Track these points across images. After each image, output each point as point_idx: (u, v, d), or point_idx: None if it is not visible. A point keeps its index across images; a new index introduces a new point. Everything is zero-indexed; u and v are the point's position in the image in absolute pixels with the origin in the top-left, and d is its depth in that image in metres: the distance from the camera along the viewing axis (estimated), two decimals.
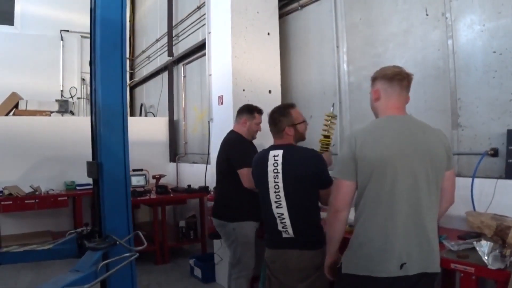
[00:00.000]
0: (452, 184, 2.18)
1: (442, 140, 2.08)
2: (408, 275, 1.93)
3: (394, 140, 2.00)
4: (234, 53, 4.27)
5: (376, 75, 2.19)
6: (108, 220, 2.56)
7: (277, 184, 2.64)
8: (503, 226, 2.33)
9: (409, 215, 1.95)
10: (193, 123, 6.95)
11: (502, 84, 2.85)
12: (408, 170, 1.95)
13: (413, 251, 1.94)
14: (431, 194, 1.99)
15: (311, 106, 4.48)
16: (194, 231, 5.79)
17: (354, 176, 2.03)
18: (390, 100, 2.12)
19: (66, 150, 6.37)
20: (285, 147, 2.72)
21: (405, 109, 2.14)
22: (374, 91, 2.18)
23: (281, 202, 2.63)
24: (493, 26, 2.91)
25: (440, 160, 2.02)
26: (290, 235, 2.62)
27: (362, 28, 3.93)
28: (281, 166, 2.63)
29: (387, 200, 1.96)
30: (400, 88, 2.11)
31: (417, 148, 1.98)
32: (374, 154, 1.98)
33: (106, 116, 2.55)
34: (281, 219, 2.63)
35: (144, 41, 9.27)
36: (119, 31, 2.61)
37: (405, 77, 2.11)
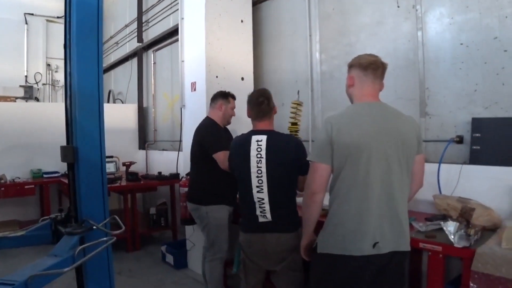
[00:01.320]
0: (421, 168, 2.29)
1: (413, 127, 2.17)
2: (381, 253, 2.02)
3: (369, 125, 2.07)
4: (208, 40, 4.26)
5: (352, 62, 2.26)
6: (84, 205, 2.54)
7: (260, 169, 2.66)
8: (468, 208, 2.45)
9: (382, 196, 2.03)
10: (163, 110, 6.89)
11: (468, 75, 2.99)
12: (382, 154, 2.04)
13: (386, 230, 2.03)
14: (403, 177, 2.08)
15: (283, 94, 4.53)
16: (165, 219, 5.78)
17: (330, 160, 2.10)
18: (364, 87, 2.19)
19: (32, 137, 6.23)
20: (269, 133, 2.75)
21: (378, 96, 2.22)
22: (349, 77, 2.25)
23: (262, 187, 2.66)
24: (461, 19, 3.03)
25: (411, 145, 2.12)
26: (268, 219, 2.67)
27: (335, 17, 4.00)
28: (265, 151, 2.66)
29: (362, 183, 2.04)
30: (374, 76, 2.19)
31: (390, 133, 2.07)
32: (350, 139, 2.05)
33: (82, 100, 2.52)
34: (260, 204, 2.67)
35: (113, 27, 9.08)
36: (96, 13, 2.58)
37: (379, 66, 2.20)
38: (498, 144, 2.76)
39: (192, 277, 4.46)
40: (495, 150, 2.76)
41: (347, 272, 2.06)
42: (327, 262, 2.12)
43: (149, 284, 4.32)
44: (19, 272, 1.65)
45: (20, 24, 9.00)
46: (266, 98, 2.82)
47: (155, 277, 4.51)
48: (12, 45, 8.91)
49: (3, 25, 8.76)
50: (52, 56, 9.38)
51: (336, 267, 2.09)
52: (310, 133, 4.18)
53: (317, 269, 2.21)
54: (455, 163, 2.96)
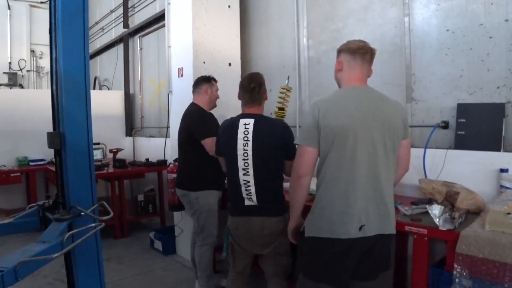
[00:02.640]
0: (407, 152, 2.33)
1: (400, 111, 2.20)
2: (366, 236, 2.06)
3: (356, 109, 2.09)
4: (195, 25, 4.23)
5: (341, 47, 2.28)
6: (72, 191, 2.53)
7: (246, 152, 2.68)
8: (452, 192, 2.50)
9: (368, 180, 2.06)
10: (150, 96, 6.85)
11: (454, 61, 3.02)
12: (368, 137, 2.06)
13: (371, 213, 2.07)
14: (389, 161, 2.12)
15: (271, 80, 4.51)
16: (153, 205, 5.79)
17: (316, 143, 2.12)
18: (352, 72, 2.21)
19: (17, 125, 6.17)
20: (256, 116, 2.77)
21: (366, 81, 2.25)
22: (338, 62, 2.27)
23: (248, 169, 2.69)
24: (448, 5, 3.05)
25: (397, 129, 2.14)
26: (254, 203, 2.70)
27: (323, 2, 3.99)
28: (251, 134, 2.69)
29: (348, 166, 2.06)
30: (362, 61, 2.21)
31: (376, 117, 2.09)
32: (336, 122, 2.07)
33: (68, 85, 2.49)
34: (246, 186, 2.70)
35: (98, 12, 8.95)
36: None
37: (368, 51, 2.22)
38: (482, 129, 2.80)
39: (181, 263, 4.49)
40: (479, 135, 2.81)
41: (333, 255, 2.09)
42: (314, 245, 2.15)
43: (137, 270, 4.34)
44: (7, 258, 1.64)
45: (2, 10, 8.81)
46: (258, 85, 2.83)
47: (143, 263, 4.53)
48: None
49: None
50: (36, 42, 9.22)
51: (323, 250, 2.12)
52: (297, 118, 4.19)
53: (304, 252, 2.24)
54: (441, 148, 3.01)
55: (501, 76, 2.79)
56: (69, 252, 2.39)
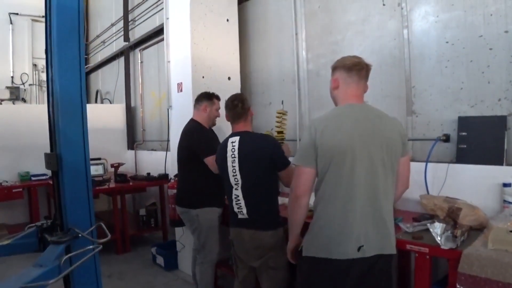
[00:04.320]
0: (407, 169, 2.29)
1: (398, 128, 2.17)
2: (365, 257, 2.02)
3: (353, 127, 2.06)
4: (193, 40, 4.22)
5: (336, 64, 2.25)
6: (70, 213, 2.51)
7: (234, 168, 2.80)
8: (454, 208, 2.46)
9: (366, 199, 2.03)
10: (151, 109, 6.84)
11: (454, 73, 2.99)
12: (366, 156, 2.03)
13: (370, 233, 2.03)
14: (387, 179, 2.08)
15: (270, 93, 4.52)
16: (155, 219, 5.76)
17: (314, 163, 2.09)
18: (349, 89, 2.18)
19: (19, 140, 6.16)
20: (241, 133, 2.89)
21: (363, 98, 2.22)
22: (334, 79, 2.24)
23: (238, 184, 2.79)
24: (446, 17, 3.03)
25: (395, 147, 2.11)
26: (245, 216, 2.78)
27: (321, 15, 3.98)
28: (237, 151, 2.80)
29: (346, 185, 2.03)
30: (358, 77, 2.18)
31: (374, 135, 2.06)
32: (333, 141, 2.04)
33: (64, 106, 2.47)
34: (236, 201, 2.80)
35: (99, 25, 8.98)
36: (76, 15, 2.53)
37: (363, 67, 2.18)
38: (484, 143, 2.76)
39: (183, 279, 4.45)
40: (481, 148, 2.77)
41: (331, 275, 2.06)
42: (312, 265, 2.12)
43: (139, 286, 4.30)
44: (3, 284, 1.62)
45: (4, 24, 8.86)
46: (240, 101, 2.96)
47: (145, 279, 4.49)
48: None
49: None
50: (38, 56, 9.24)
51: (321, 270, 2.09)
52: (297, 132, 4.17)
53: (303, 271, 2.20)
54: (442, 162, 2.96)
55: (502, 88, 2.75)
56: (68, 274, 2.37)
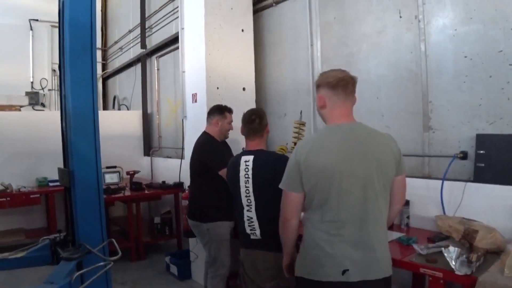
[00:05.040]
0: (402, 187, 2.19)
1: (390, 146, 2.08)
2: (350, 281, 1.96)
3: (340, 150, 2.01)
4: (208, 51, 4.22)
5: (319, 81, 2.16)
6: (81, 228, 2.53)
7: (247, 189, 2.73)
8: (470, 230, 2.40)
9: (354, 223, 1.98)
10: (167, 116, 6.87)
11: (472, 89, 2.91)
12: (354, 178, 1.97)
13: (357, 258, 1.97)
14: (378, 200, 2.01)
15: (285, 104, 4.49)
16: (170, 227, 5.78)
17: (300, 187, 2.06)
18: (336, 107, 2.10)
19: (37, 145, 6.23)
20: (255, 152, 2.81)
21: (351, 115, 2.13)
22: (319, 97, 2.15)
23: (251, 206, 2.73)
24: (465, 31, 2.95)
25: (387, 166, 2.04)
26: (258, 237, 2.72)
27: (336, 27, 3.94)
28: (251, 171, 2.73)
29: (333, 209, 1.99)
30: (345, 94, 2.09)
31: (363, 156, 2.00)
32: (318, 165, 1.99)
33: (77, 123, 2.50)
34: (249, 222, 2.74)
35: (117, 32, 9.07)
36: (89, 33, 2.55)
37: (349, 82, 2.09)
38: (503, 162, 2.67)
39: None
40: (500, 168, 2.68)
41: None
42: (302, 285, 2.12)
43: None
44: None
45: (24, 31, 8.96)
46: (258, 116, 2.87)
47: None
48: (17, 52, 8.86)
49: (8, 31, 8.71)
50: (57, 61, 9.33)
51: None
52: None
53: None
54: (459, 180, 2.89)
55: None
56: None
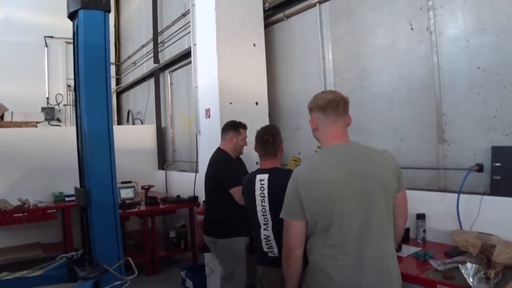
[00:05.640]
0: (404, 202, 2.17)
1: (389, 163, 2.07)
2: None
3: (337, 174, 1.99)
4: (220, 66, 4.24)
5: (311, 105, 2.17)
6: (98, 247, 2.56)
7: (264, 208, 2.73)
8: (488, 245, 2.36)
9: (358, 245, 1.95)
10: (181, 130, 6.92)
11: (487, 100, 2.88)
12: (355, 200, 1.96)
13: (363, 281, 1.94)
14: (382, 220, 1.99)
15: (298, 117, 4.49)
16: (185, 241, 5.80)
17: (301, 215, 2.04)
18: (328, 129, 2.10)
19: (53, 160, 6.32)
20: (270, 171, 2.81)
21: (345, 135, 2.12)
22: (311, 121, 2.18)
23: (268, 224, 2.72)
24: (478, 42, 2.93)
25: (388, 184, 2.02)
26: (275, 254, 2.70)
27: (348, 40, 3.94)
28: (267, 190, 2.73)
29: (337, 232, 1.96)
30: (335, 115, 2.08)
31: (362, 177, 1.98)
32: (317, 192, 1.98)
33: (92, 143, 2.54)
34: (267, 241, 2.73)
35: (130, 47, 9.19)
36: (103, 56, 2.60)
37: (339, 103, 2.09)
38: None
39: None
40: None
41: None
42: None
43: None
44: None
45: (40, 47, 9.16)
46: (272, 135, 2.88)
47: None
48: (33, 68, 9.07)
49: (24, 49, 8.94)
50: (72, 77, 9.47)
51: None
52: None
53: None
54: (475, 193, 2.85)
55: None
56: None
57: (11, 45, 8.81)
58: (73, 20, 2.73)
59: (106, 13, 2.66)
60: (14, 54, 8.79)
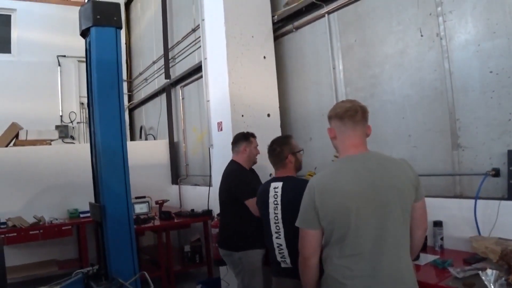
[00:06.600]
0: (423, 213, 2.13)
1: (406, 173, 2.03)
2: None
3: (354, 183, 1.98)
4: (231, 79, 4.27)
5: (330, 113, 2.16)
6: (113, 262, 2.57)
7: (276, 216, 2.72)
8: (508, 251, 2.32)
9: (374, 255, 1.93)
10: (193, 144, 6.94)
11: (500, 104, 2.86)
12: (371, 210, 1.94)
13: None
14: (398, 230, 1.97)
15: (310, 128, 4.49)
16: (200, 255, 5.78)
17: (317, 224, 2.04)
18: (346, 138, 2.10)
19: (68, 178, 6.38)
20: (285, 179, 2.81)
21: (363, 145, 2.11)
22: (329, 130, 2.17)
23: (280, 233, 2.71)
24: (489, 46, 2.92)
25: (405, 194, 1.99)
26: (289, 265, 2.68)
27: (358, 49, 3.94)
28: (280, 198, 2.73)
29: (353, 243, 1.95)
30: (353, 124, 2.07)
31: (378, 187, 1.96)
32: (333, 201, 1.98)
33: (107, 159, 2.56)
34: (279, 250, 2.72)
35: (141, 63, 9.30)
36: (115, 72, 2.64)
37: (357, 111, 2.07)
38: None
39: None
40: None
41: None
42: None
43: None
44: None
45: (53, 66, 9.31)
46: (279, 145, 2.90)
47: None
48: (46, 87, 9.20)
49: (37, 68, 9.08)
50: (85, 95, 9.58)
51: None
52: None
53: None
54: (493, 199, 2.81)
55: None
56: None
57: (25, 65, 8.96)
58: (86, 37, 2.78)
59: (118, 30, 2.71)
60: (28, 74, 8.94)
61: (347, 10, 4.03)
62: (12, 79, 8.80)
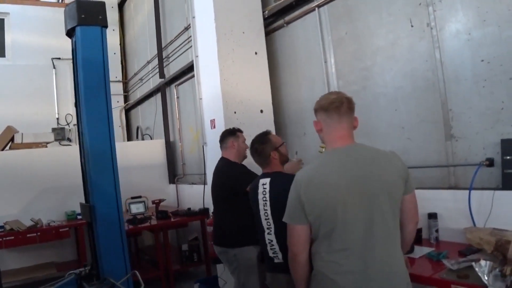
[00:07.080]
0: (413, 204, 2.10)
1: (395, 165, 2.01)
2: None
3: (340, 177, 1.95)
4: (223, 76, 4.24)
5: (316, 106, 2.14)
6: (105, 262, 2.55)
7: (266, 212, 2.71)
8: (503, 241, 2.29)
9: (363, 249, 1.90)
10: (190, 143, 6.92)
11: (493, 93, 2.83)
12: (359, 203, 1.91)
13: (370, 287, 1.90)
14: (387, 223, 1.94)
15: (304, 123, 4.46)
16: (198, 254, 5.76)
17: (304, 219, 2.01)
18: (331, 130, 2.06)
19: (64, 180, 6.35)
20: (272, 175, 2.79)
21: (349, 137, 2.07)
22: (315, 122, 2.14)
23: (271, 228, 2.70)
24: (480, 34, 2.88)
25: (393, 186, 1.97)
26: (281, 260, 2.67)
27: (349, 42, 3.91)
28: (268, 194, 2.72)
29: (340, 237, 1.93)
30: (338, 116, 2.03)
31: (366, 178, 1.94)
32: (319, 196, 1.95)
33: (95, 159, 2.54)
34: (271, 246, 2.71)
35: (136, 64, 9.27)
36: (102, 71, 2.61)
37: (342, 103, 2.04)
38: None
39: None
40: None
41: None
42: None
43: None
44: None
45: (48, 69, 9.27)
46: (260, 144, 2.86)
47: None
48: (42, 90, 9.17)
49: (32, 71, 9.05)
50: None
51: None
52: None
53: None
54: (487, 189, 2.78)
55: None
56: None
57: (20, 68, 8.93)
58: (71, 37, 2.75)
59: (104, 29, 2.68)
60: (23, 77, 8.91)
61: (337, 3, 4.00)
62: (8, 83, 8.77)
